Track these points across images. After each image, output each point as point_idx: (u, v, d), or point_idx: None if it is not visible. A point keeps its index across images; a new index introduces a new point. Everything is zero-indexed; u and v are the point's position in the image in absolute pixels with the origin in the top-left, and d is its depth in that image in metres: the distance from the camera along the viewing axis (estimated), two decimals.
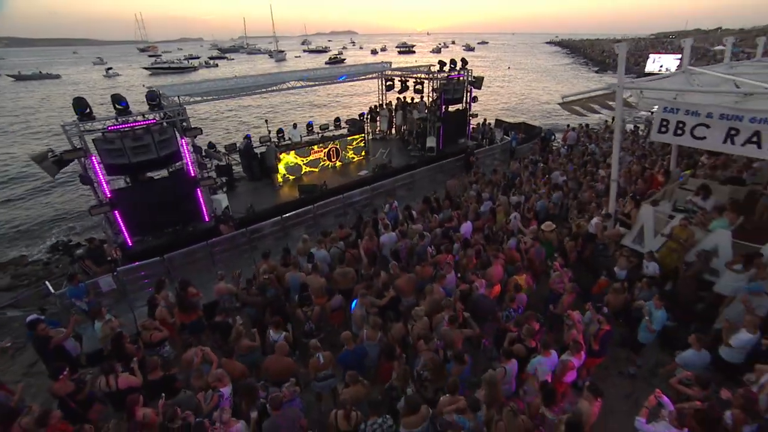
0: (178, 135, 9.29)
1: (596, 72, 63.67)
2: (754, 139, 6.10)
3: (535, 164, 12.65)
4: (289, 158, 13.20)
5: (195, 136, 9.52)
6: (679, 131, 6.95)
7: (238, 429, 4.32)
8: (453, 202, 10.15)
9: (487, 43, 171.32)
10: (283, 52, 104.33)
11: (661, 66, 38.06)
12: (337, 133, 15.54)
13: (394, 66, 17.33)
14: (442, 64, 14.83)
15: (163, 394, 4.77)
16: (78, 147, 8.19)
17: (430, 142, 14.83)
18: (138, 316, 7.44)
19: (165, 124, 9.04)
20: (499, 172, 11.72)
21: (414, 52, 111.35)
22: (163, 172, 9.91)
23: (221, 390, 4.76)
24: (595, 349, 5.58)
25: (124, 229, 8.90)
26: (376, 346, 5.37)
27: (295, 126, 15.08)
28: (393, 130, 18.23)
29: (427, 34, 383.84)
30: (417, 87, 16.43)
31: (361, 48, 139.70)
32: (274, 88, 12.85)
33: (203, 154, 10.16)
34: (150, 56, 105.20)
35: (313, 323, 6.12)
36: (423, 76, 15.75)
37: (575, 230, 8.15)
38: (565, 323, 5.92)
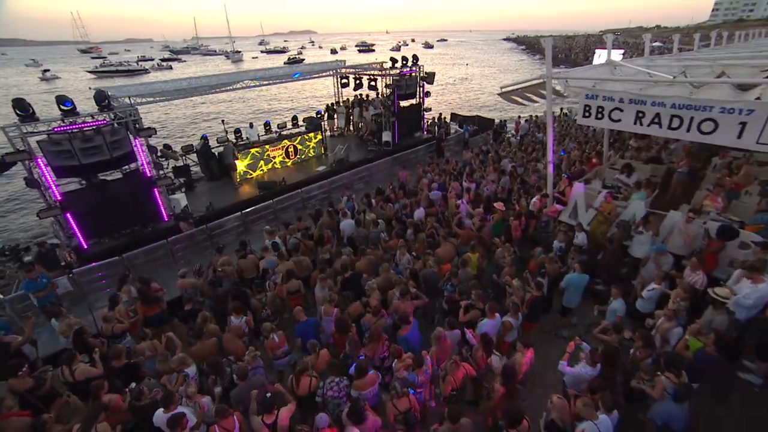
0: (131, 136, 9.25)
1: None
2: (656, 120, 7.00)
3: (485, 153, 13.46)
4: (247, 159, 13.32)
5: (149, 136, 9.50)
6: (600, 115, 7.81)
7: (205, 402, 4.61)
8: (407, 191, 10.70)
9: (446, 40, 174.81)
10: (239, 53, 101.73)
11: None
12: (294, 131, 15.75)
13: (354, 64, 17.73)
14: (393, 60, 15.38)
15: (133, 383, 4.96)
16: (21, 149, 8.01)
17: (386, 136, 15.36)
18: (97, 317, 7.43)
19: (116, 125, 8.98)
20: (451, 162, 12.42)
21: (374, 50, 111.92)
22: (119, 174, 9.81)
23: (186, 371, 5.01)
24: (525, 312, 6.24)
25: (77, 231, 8.77)
26: (331, 320, 5.79)
27: (251, 125, 15.18)
28: (351, 127, 18.61)
29: (386, 32, 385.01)
30: (371, 84, 16.90)
31: (320, 47, 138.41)
32: (229, 87, 12.92)
33: (158, 154, 10.13)
34: (93, 58, 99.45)
35: (269, 309, 6.41)
36: (376, 72, 16.24)
37: (518, 210, 8.88)
38: (507, 291, 6.61)
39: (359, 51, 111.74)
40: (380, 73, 16.02)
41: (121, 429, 4.46)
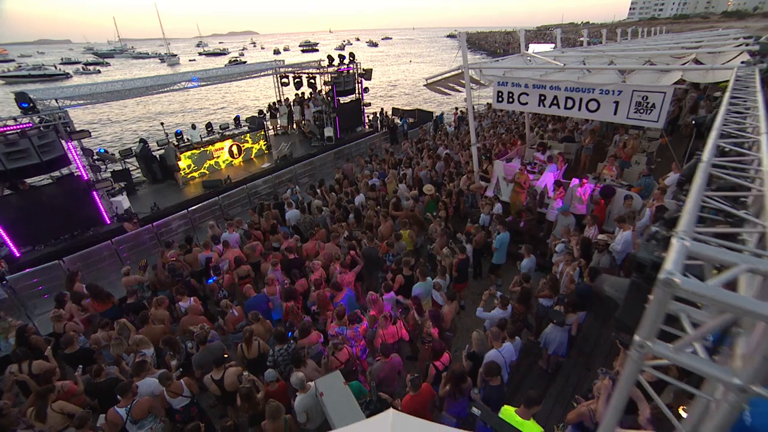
0: (62, 140, 9.05)
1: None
2: (555, 102, 8.15)
3: (421, 142, 14.41)
4: (189, 159, 13.30)
5: (83, 138, 9.34)
6: (511, 99, 8.87)
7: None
8: (350, 181, 11.34)
9: (390, 38, 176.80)
10: (175, 55, 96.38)
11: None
12: (237, 131, 15.79)
13: (292, 63, 18.02)
14: (330, 58, 15.90)
15: (80, 366, 5.17)
16: None
17: (328, 132, 15.89)
18: (39, 324, 7.33)
19: (42, 128, 8.76)
20: (389, 152, 13.21)
21: (318, 50, 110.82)
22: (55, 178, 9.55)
23: (143, 351, 5.30)
24: (455, 274, 7.10)
25: (7, 239, 8.49)
26: (276, 297, 6.30)
27: (193, 127, 15.08)
28: (294, 125, 18.89)
29: (330, 32, 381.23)
30: (310, 81, 17.30)
31: (262, 48, 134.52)
32: (166, 89, 12.80)
33: (94, 157, 9.94)
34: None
35: (225, 289, 6.79)
36: (314, 71, 16.68)
37: (449, 188, 9.80)
38: (437, 259, 7.43)
39: (303, 51, 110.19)
40: (318, 71, 16.47)
41: None
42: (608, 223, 7.88)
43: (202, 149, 13.68)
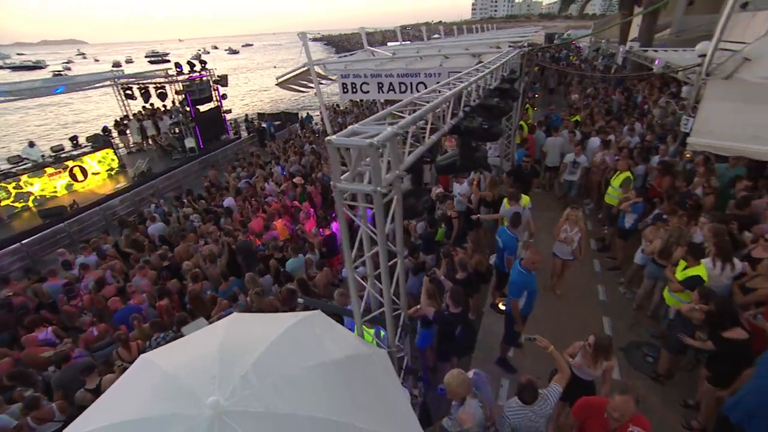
0: None
1: None
2: (391, 87, 9.43)
3: (286, 142, 14.88)
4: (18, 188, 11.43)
5: None
6: (355, 89, 9.91)
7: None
8: (218, 187, 11.29)
9: (252, 45, 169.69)
10: None
11: None
12: (77, 152, 13.96)
13: (134, 73, 16.54)
14: (178, 65, 15.17)
15: None
16: None
17: (189, 143, 15.14)
18: None
19: None
20: (255, 155, 13.40)
21: (168, 60, 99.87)
22: None
23: None
24: (324, 250, 7.86)
25: None
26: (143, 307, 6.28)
27: (31, 144, 12.97)
28: (149, 140, 17.40)
29: (180, 41, 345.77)
30: (159, 92, 16.15)
31: (96, 61, 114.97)
32: None
33: None
34: None
35: (88, 310, 6.38)
36: (162, 80, 15.68)
37: (312, 178, 10.51)
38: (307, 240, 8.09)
39: (151, 62, 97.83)
40: (167, 80, 15.52)
41: None
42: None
43: (29, 175, 11.80)
